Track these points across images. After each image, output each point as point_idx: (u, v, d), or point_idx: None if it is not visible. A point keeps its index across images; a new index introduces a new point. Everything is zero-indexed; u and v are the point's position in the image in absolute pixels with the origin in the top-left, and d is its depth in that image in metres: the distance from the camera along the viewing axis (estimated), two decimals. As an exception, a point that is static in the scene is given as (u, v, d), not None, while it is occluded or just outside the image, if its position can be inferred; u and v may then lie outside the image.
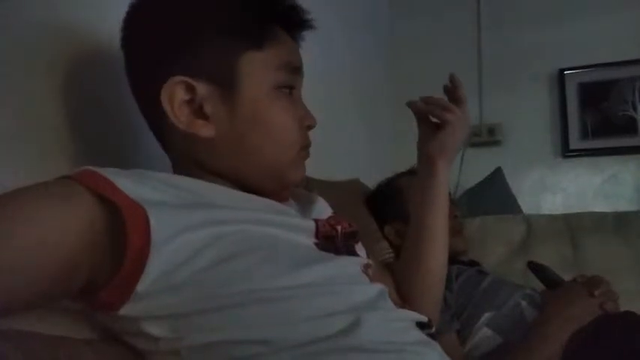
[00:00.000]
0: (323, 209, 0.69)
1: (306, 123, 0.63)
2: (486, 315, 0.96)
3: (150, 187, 0.50)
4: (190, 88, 0.56)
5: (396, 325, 0.52)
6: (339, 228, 0.64)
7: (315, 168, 0.65)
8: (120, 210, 0.46)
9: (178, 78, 0.56)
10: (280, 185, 0.63)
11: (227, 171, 0.60)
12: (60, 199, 0.46)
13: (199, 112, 0.57)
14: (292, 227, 0.58)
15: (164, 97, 0.56)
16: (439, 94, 0.86)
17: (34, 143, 0.62)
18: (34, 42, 0.63)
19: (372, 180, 1.43)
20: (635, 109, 2.02)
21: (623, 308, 0.96)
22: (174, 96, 0.56)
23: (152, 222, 0.46)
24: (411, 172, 1.32)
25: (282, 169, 0.62)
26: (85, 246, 0.46)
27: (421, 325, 0.55)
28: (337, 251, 0.60)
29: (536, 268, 1.13)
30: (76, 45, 0.69)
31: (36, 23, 0.63)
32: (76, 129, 0.67)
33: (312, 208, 0.67)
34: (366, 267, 0.63)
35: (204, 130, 0.57)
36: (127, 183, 0.48)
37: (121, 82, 0.65)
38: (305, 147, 0.64)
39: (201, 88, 0.57)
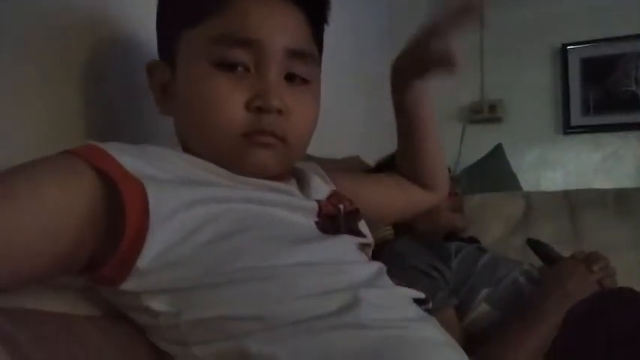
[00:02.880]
0: (320, 187, 0.67)
1: (254, 104, 0.54)
2: (484, 291, 0.97)
3: (150, 163, 0.50)
4: (158, 70, 0.60)
5: (394, 302, 0.52)
6: (341, 207, 0.64)
7: (314, 145, 0.64)
8: (117, 185, 0.46)
9: (150, 61, 0.61)
10: (241, 171, 0.56)
11: (195, 152, 0.57)
12: (62, 175, 0.46)
13: (167, 92, 0.60)
14: (292, 206, 0.58)
15: (147, 79, 0.61)
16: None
17: (53, 124, 0.62)
18: (51, 24, 0.63)
19: (372, 157, 1.43)
20: (637, 84, 2.00)
21: (621, 284, 0.97)
22: (150, 78, 0.61)
23: (150, 198, 0.46)
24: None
25: (226, 154, 0.55)
26: (88, 222, 0.46)
27: (418, 302, 0.56)
28: (338, 230, 0.60)
29: (534, 245, 1.13)
30: (94, 41, 0.69)
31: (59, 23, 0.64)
32: (88, 105, 0.68)
33: (311, 187, 0.65)
34: (364, 246, 0.64)
35: (166, 110, 0.61)
36: (128, 158, 0.48)
37: (135, 74, 0.66)
38: (253, 132, 0.54)
39: (164, 70, 0.59)
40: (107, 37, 0.71)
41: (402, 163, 0.85)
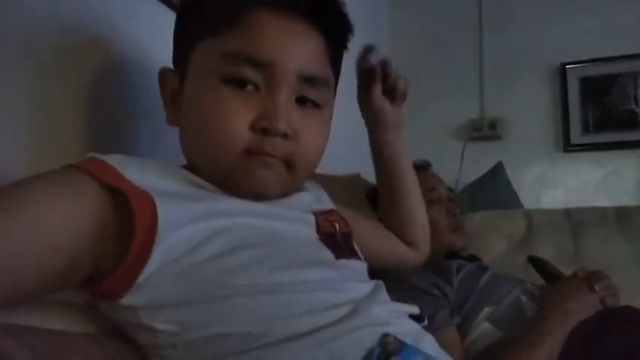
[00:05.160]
0: (319, 201, 0.67)
1: (260, 125, 0.52)
2: (486, 309, 0.96)
3: (156, 176, 0.50)
4: (169, 78, 0.59)
5: (391, 316, 0.52)
6: (336, 225, 0.63)
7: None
8: (128, 198, 0.46)
9: (162, 68, 0.60)
10: (241, 191, 0.55)
11: (196, 165, 0.56)
12: (64, 189, 0.46)
13: (175, 102, 0.59)
14: (294, 220, 0.58)
15: (159, 87, 0.61)
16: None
17: (52, 140, 0.62)
18: (54, 43, 0.63)
19: (372, 174, 1.43)
20: (636, 103, 2.01)
21: (623, 302, 0.96)
22: (162, 86, 0.61)
23: (159, 211, 0.46)
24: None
25: (227, 172, 0.54)
26: (89, 236, 0.46)
27: (415, 319, 0.56)
28: (339, 248, 0.60)
29: (536, 263, 1.13)
30: (98, 47, 0.70)
31: (59, 26, 0.64)
32: (94, 127, 0.68)
33: (309, 199, 0.65)
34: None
35: (173, 120, 0.60)
36: (133, 171, 0.48)
37: (138, 82, 0.66)
38: (254, 152, 0.53)
39: (174, 78, 0.59)
40: (109, 58, 0.72)
41: (384, 216, 0.87)
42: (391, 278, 0.80)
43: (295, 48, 0.54)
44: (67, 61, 0.65)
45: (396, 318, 0.52)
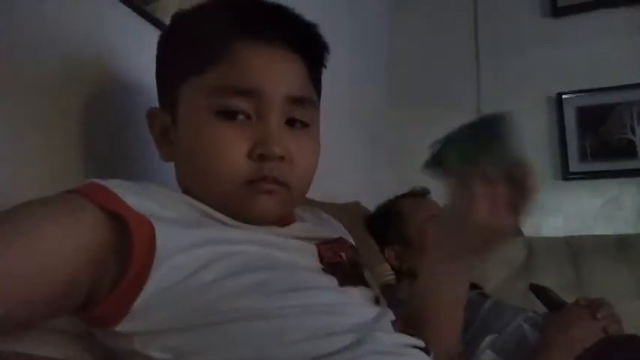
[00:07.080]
0: (335, 228, 0.68)
1: (257, 152, 0.54)
2: (489, 338, 0.95)
3: (156, 202, 0.50)
4: (158, 117, 0.61)
5: (396, 349, 0.52)
6: (343, 255, 0.63)
7: (314, 190, 0.64)
8: (128, 224, 0.46)
9: (150, 109, 0.62)
10: (245, 218, 0.56)
11: (197, 198, 0.57)
12: (63, 214, 0.46)
13: (167, 139, 0.61)
14: (295, 249, 0.58)
15: (147, 126, 0.63)
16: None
17: (47, 156, 0.63)
18: (50, 60, 0.64)
19: (372, 202, 1.43)
20: (633, 132, 2.03)
21: (625, 331, 0.95)
22: (151, 125, 0.62)
23: (158, 237, 0.46)
24: (410, 195, 1.32)
25: (229, 202, 0.55)
26: (87, 262, 0.46)
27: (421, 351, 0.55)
28: (344, 275, 0.59)
29: (537, 291, 1.12)
30: (91, 63, 0.71)
31: (49, 43, 0.65)
32: (90, 145, 0.68)
33: (324, 226, 0.66)
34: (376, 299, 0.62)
35: (167, 156, 0.62)
36: (133, 197, 0.49)
37: (132, 99, 0.66)
38: (256, 180, 0.55)
39: (164, 117, 0.61)
40: (110, 84, 0.73)
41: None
42: (390, 305, 0.80)
43: (280, 73, 0.57)
44: (67, 89, 0.66)
45: (403, 348, 0.51)
